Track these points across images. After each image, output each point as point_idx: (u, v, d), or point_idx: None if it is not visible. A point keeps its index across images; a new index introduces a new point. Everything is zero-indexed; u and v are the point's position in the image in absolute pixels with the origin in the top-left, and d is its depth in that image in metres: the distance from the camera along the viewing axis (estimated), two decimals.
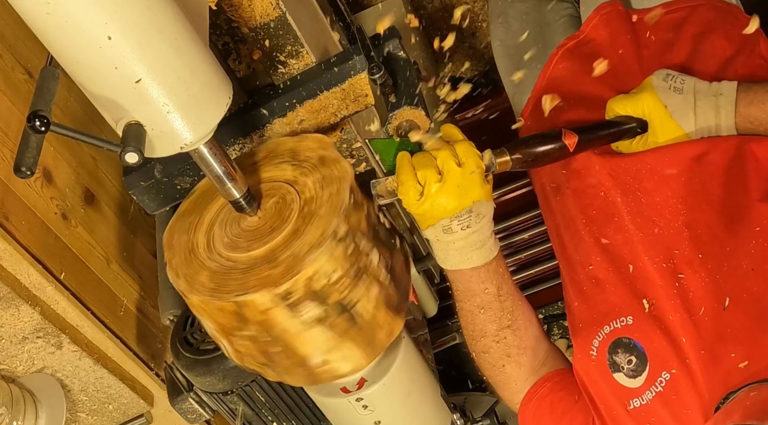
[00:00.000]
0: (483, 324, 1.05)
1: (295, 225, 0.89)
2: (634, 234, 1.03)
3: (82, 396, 1.39)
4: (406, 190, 0.95)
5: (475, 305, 1.04)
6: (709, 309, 0.93)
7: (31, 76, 1.32)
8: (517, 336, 1.06)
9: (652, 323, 0.97)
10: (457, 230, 0.97)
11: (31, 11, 0.67)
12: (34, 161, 0.75)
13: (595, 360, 1.01)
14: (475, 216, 0.98)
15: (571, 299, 1.11)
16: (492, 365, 1.08)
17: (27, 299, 1.21)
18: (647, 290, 1.00)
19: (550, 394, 1.06)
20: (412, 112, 1.06)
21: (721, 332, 0.92)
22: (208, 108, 0.78)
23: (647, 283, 1.00)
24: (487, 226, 1.01)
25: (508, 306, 1.05)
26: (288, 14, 1.05)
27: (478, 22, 2.06)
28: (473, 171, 0.96)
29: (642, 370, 0.96)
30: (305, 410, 1.27)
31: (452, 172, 0.94)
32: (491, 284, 1.02)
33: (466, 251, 0.99)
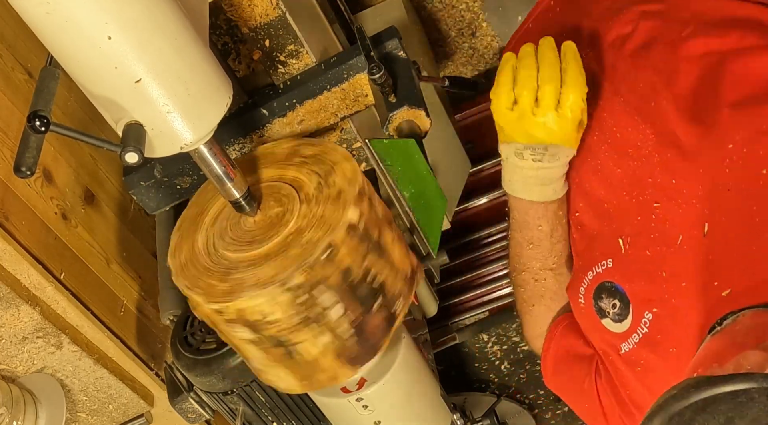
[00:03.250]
0: (528, 259, 1.06)
1: (268, 249, 0.88)
2: (610, 172, 0.99)
3: (82, 396, 1.39)
4: (498, 93, 0.94)
5: (525, 238, 1.04)
6: (687, 237, 0.88)
7: (31, 76, 1.32)
8: (557, 280, 1.06)
9: (630, 262, 0.94)
10: (528, 160, 0.96)
11: (30, 11, 0.67)
12: (34, 161, 0.75)
13: (584, 308, 0.99)
14: (550, 156, 0.96)
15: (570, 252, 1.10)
16: (524, 301, 1.08)
17: (27, 299, 1.21)
18: (624, 228, 0.96)
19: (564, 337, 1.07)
20: (412, 112, 1.06)
21: (700, 260, 0.87)
22: (208, 108, 0.78)
23: (624, 220, 0.96)
24: (560, 169, 0.99)
25: (557, 250, 1.05)
26: (288, 14, 1.05)
27: (478, 22, 2.06)
28: (567, 117, 0.93)
29: (626, 313, 0.94)
30: (305, 410, 1.27)
31: (546, 109, 0.92)
32: (546, 223, 1.02)
33: (530, 184, 0.99)
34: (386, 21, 1.66)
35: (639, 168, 0.95)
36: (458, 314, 1.80)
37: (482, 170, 1.94)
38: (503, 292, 1.79)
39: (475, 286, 1.82)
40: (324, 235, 0.85)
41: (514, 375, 1.88)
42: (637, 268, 0.93)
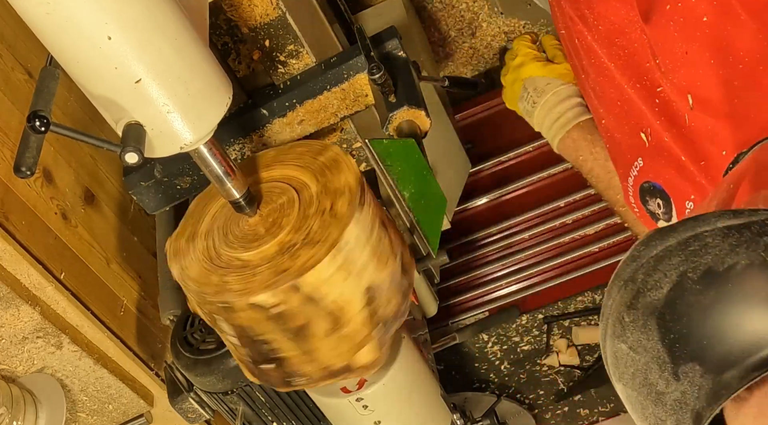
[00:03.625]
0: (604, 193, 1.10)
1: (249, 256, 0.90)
2: (612, 70, 0.96)
3: (82, 396, 1.39)
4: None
5: (587, 176, 1.12)
6: (685, 112, 0.86)
7: (31, 76, 1.32)
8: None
9: (656, 154, 0.91)
10: (529, 107, 1.13)
11: (30, 11, 0.67)
12: (34, 161, 0.75)
13: (641, 218, 0.97)
14: (533, 91, 1.10)
15: None
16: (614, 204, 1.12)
17: (27, 299, 1.21)
18: (641, 122, 0.93)
19: None
20: (412, 112, 1.06)
21: (705, 132, 0.83)
22: (208, 108, 0.78)
23: (637, 113, 0.93)
24: (554, 99, 1.10)
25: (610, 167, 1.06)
26: (288, 14, 1.05)
27: (478, 22, 2.06)
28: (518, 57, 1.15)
29: (670, 209, 0.90)
30: (305, 410, 1.27)
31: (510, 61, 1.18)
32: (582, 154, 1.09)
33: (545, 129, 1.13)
34: (386, 21, 1.65)
35: (631, 56, 0.93)
36: (458, 314, 1.80)
37: (482, 170, 1.94)
38: (503, 292, 1.79)
39: (475, 286, 1.82)
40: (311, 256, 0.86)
41: (514, 375, 1.88)
42: (663, 158, 0.90)
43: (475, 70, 2.17)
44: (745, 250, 0.52)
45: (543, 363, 1.85)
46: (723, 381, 0.50)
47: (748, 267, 0.51)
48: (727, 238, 0.53)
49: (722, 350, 0.50)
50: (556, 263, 1.77)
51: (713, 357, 0.51)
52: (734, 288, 0.51)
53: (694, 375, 0.51)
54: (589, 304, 1.74)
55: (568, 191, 1.83)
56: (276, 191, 0.95)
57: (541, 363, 1.86)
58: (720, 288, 0.52)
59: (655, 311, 0.54)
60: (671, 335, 0.53)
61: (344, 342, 0.91)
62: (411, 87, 1.07)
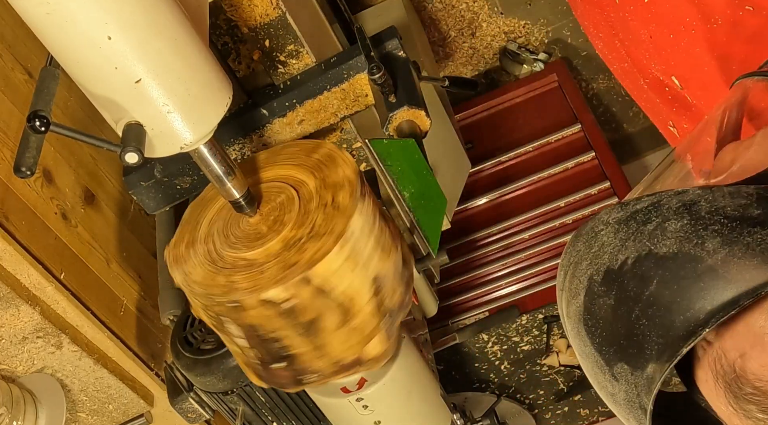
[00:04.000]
0: None
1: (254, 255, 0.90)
2: (625, 72, 0.96)
3: (82, 396, 1.39)
4: None
5: None
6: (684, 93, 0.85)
7: (31, 76, 1.32)
8: None
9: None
10: None
11: (30, 11, 0.67)
12: (34, 161, 0.75)
13: None
14: None
15: None
16: None
17: (27, 299, 1.21)
18: (663, 116, 0.92)
19: None
20: (412, 112, 1.06)
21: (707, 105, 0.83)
22: (208, 108, 0.78)
23: (658, 108, 0.92)
24: None
25: None
26: (288, 14, 1.05)
27: (478, 22, 2.06)
28: None
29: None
30: (305, 410, 1.27)
31: None
32: None
33: None
34: (386, 21, 1.66)
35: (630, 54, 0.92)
36: (458, 314, 1.80)
37: (482, 170, 1.94)
38: (503, 292, 1.79)
39: (475, 286, 1.82)
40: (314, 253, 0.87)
41: (514, 375, 1.88)
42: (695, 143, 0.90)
43: (475, 70, 2.17)
44: (632, 242, 0.53)
45: (543, 363, 1.85)
46: (647, 374, 0.51)
47: (637, 260, 0.52)
48: (618, 233, 0.54)
49: (636, 347, 0.51)
50: (556, 263, 1.77)
51: (632, 356, 0.51)
52: (630, 283, 0.52)
53: (626, 374, 0.52)
54: None
55: (568, 191, 1.83)
56: (274, 191, 0.95)
57: (541, 363, 1.86)
58: (619, 287, 0.52)
59: (581, 319, 0.56)
60: (597, 339, 0.54)
61: (354, 334, 0.92)
62: (411, 87, 1.07)
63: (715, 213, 0.50)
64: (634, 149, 2.32)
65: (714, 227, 0.50)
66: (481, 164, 1.93)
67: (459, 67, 2.16)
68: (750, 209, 0.50)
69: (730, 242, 0.49)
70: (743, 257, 0.48)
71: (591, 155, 1.87)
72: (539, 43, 2.12)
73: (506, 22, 2.07)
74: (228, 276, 0.88)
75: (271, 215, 0.92)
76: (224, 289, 0.87)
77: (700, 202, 0.51)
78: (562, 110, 1.98)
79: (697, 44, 0.80)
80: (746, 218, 0.49)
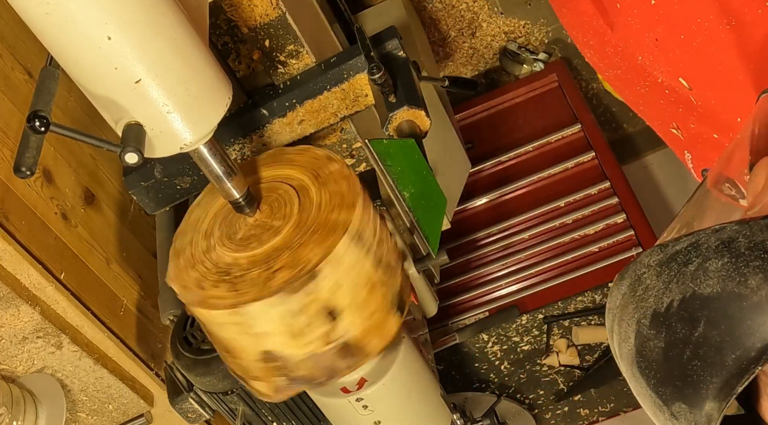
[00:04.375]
0: None
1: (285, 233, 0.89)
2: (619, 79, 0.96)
3: (82, 396, 1.39)
4: None
5: None
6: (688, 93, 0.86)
7: (31, 76, 1.32)
8: None
9: (695, 143, 0.90)
10: None
11: (30, 11, 0.67)
12: (34, 161, 0.75)
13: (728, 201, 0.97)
14: None
15: None
16: None
17: (27, 299, 1.21)
18: (665, 118, 0.93)
19: None
20: (412, 112, 1.06)
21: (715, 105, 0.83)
22: (207, 108, 0.78)
23: (659, 111, 0.93)
24: None
25: None
26: (288, 14, 1.05)
27: (478, 22, 2.06)
28: None
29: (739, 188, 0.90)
30: (305, 410, 1.27)
31: None
32: None
33: None
34: (386, 21, 1.66)
35: (623, 59, 0.92)
36: (458, 314, 1.80)
37: (482, 170, 1.94)
38: (503, 292, 1.79)
39: (475, 286, 1.82)
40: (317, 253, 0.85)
41: (514, 375, 1.88)
42: (701, 144, 0.89)
43: (475, 70, 2.17)
44: (676, 284, 0.53)
45: (543, 363, 1.85)
46: (706, 412, 0.51)
47: (682, 302, 0.52)
48: (661, 276, 0.54)
49: (692, 388, 0.52)
50: (556, 263, 1.77)
51: (689, 395, 0.52)
52: (678, 326, 0.52)
53: (684, 412, 0.53)
54: (589, 304, 1.74)
55: (568, 191, 1.83)
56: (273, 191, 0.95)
57: (541, 363, 1.86)
58: (668, 329, 0.53)
59: (633, 361, 0.56)
60: (652, 381, 0.54)
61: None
62: (411, 87, 1.07)
63: (755, 249, 0.50)
64: (634, 149, 2.32)
65: (755, 263, 0.50)
66: (481, 164, 1.93)
67: (459, 67, 2.16)
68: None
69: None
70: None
71: (591, 155, 1.87)
72: (539, 43, 2.12)
73: (506, 22, 2.07)
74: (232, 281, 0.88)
75: (270, 215, 0.92)
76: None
77: (738, 238, 0.52)
78: (562, 110, 1.98)
79: (710, 44, 0.80)
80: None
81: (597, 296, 1.72)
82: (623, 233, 1.74)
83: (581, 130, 1.92)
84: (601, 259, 1.73)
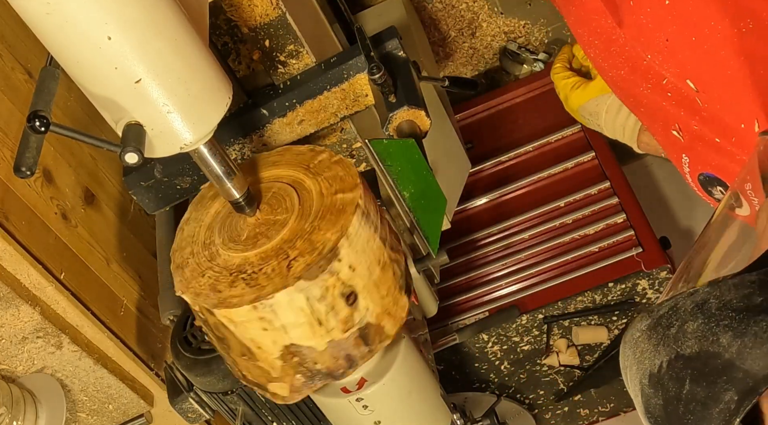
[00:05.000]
0: None
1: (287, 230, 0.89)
2: (620, 78, 0.96)
3: (82, 396, 1.39)
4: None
5: None
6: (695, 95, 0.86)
7: (31, 76, 1.32)
8: None
9: (695, 146, 0.90)
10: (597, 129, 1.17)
11: (30, 11, 0.67)
12: (34, 161, 0.75)
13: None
14: (590, 116, 1.14)
15: None
16: None
17: (27, 299, 1.21)
18: (667, 119, 0.92)
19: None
20: (412, 112, 1.06)
21: (720, 109, 0.84)
22: (208, 108, 0.78)
23: (660, 112, 0.93)
24: (609, 116, 1.14)
25: None
26: (288, 14, 1.05)
27: (478, 22, 2.06)
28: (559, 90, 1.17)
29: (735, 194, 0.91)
30: (305, 410, 1.27)
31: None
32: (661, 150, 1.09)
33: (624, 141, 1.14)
34: (386, 21, 1.66)
35: (627, 60, 0.92)
36: (458, 314, 1.80)
37: (482, 170, 1.94)
38: (503, 292, 1.79)
39: (475, 286, 1.82)
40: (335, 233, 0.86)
41: (514, 375, 1.88)
42: (702, 147, 0.90)
43: (475, 70, 2.17)
44: (663, 347, 0.58)
45: (543, 363, 1.85)
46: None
47: (670, 363, 0.57)
48: (651, 339, 0.59)
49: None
50: (556, 263, 1.77)
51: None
52: (669, 385, 0.57)
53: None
54: (589, 304, 1.74)
55: (568, 191, 1.83)
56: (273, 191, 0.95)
57: (541, 363, 1.86)
58: (663, 388, 0.57)
59: (644, 415, 0.60)
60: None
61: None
62: (411, 87, 1.07)
63: (724, 308, 0.55)
64: None
65: (724, 322, 0.54)
66: (481, 164, 1.93)
67: (459, 67, 2.16)
68: (753, 297, 0.54)
69: (740, 335, 0.53)
70: (754, 346, 0.52)
71: (591, 155, 1.87)
72: (539, 43, 2.12)
73: (506, 22, 2.07)
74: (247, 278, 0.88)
75: (271, 212, 0.92)
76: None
77: (709, 300, 0.56)
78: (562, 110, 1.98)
79: (721, 49, 0.81)
80: (751, 307, 0.54)
81: (597, 296, 1.72)
82: (623, 233, 1.74)
83: (581, 130, 1.92)
84: (601, 259, 1.73)
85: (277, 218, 0.91)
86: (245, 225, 0.92)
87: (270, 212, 0.92)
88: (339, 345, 0.88)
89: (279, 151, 0.98)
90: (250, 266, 0.87)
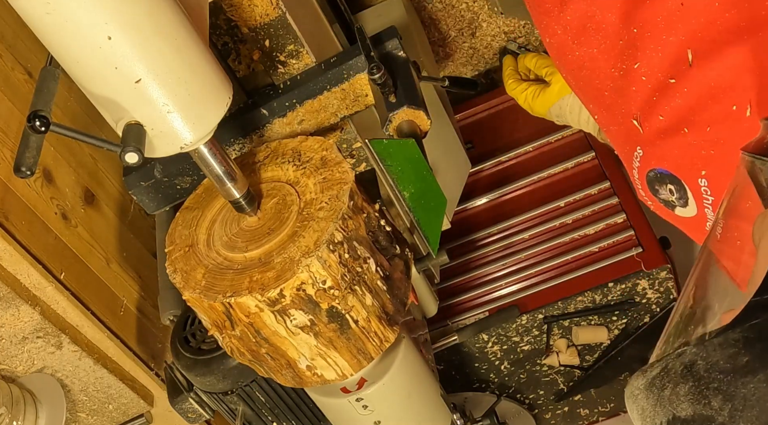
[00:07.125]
0: None
1: (292, 228, 0.89)
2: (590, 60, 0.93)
3: (82, 396, 1.39)
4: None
5: None
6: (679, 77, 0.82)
7: (31, 76, 1.32)
8: None
9: (655, 138, 0.86)
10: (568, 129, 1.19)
11: (31, 11, 0.67)
12: (34, 161, 0.75)
13: (656, 209, 0.93)
14: (557, 119, 1.17)
15: None
16: None
17: (27, 299, 1.21)
18: (630, 107, 0.89)
19: None
20: (412, 112, 1.06)
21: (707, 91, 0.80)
22: (208, 108, 0.78)
23: (626, 99, 0.89)
24: (573, 117, 1.19)
25: None
26: (288, 14, 1.05)
27: (478, 22, 2.06)
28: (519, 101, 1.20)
29: (684, 192, 0.86)
30: (305, 410, 1.27)
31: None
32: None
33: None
34: (386, 21, 1.66)
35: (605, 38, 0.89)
36: (458, 314, 1.80)
37: (482, 170, 1.94)
38: (503, 292, 1.79)
39: (475, 286, 1.81)
40: (339, 189, 0.90)
41: (514, 375, 1.88)
42: (662, 140, 0.86)
43: (475, 70, 2.17)
44: (660, 408, 0.59)
45: (543, 363, 1.85)
46: None
47: (668, 424, 0.58)
48: (648, 399, 0.60)
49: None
50: (556, 263, 1.77)
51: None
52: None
53: None
54: (589, 304, 1.74)
55: (568, 191, 1.83)
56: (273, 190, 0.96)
57: (541, 363, 1.86)
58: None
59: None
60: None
61: None
62: (411, 87, 1.07)
63: (711, 370, 0.56)
64: None
65: (713, 385, 0.56)
66: (481, 164, 1.93)
67: (459, 67, 2.16)
68: (739, 357, 0.55)
69: (730, 398, 0.55)
70: (744, 409, 0.53)
71: (591, 155, 1.87)
72: (539, 43, 2.12)
73: (506, 22, 2.07)
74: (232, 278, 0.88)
75: (271, 214, 0.93)
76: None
77: (697, 361, 0.57)
78: None
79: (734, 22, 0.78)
80: (738, 369, 0.55)
81: (597, 296, 1.72)
82: (623, 233, 1.74)
83: (581, 130, 1.91)
84: (601, 259, 1.73)
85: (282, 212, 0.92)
86: (247, 227, 0.93)
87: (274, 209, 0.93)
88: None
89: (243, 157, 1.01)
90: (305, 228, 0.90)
